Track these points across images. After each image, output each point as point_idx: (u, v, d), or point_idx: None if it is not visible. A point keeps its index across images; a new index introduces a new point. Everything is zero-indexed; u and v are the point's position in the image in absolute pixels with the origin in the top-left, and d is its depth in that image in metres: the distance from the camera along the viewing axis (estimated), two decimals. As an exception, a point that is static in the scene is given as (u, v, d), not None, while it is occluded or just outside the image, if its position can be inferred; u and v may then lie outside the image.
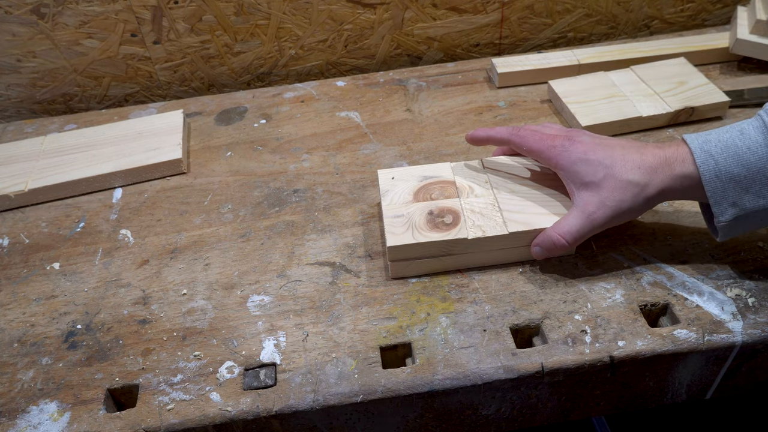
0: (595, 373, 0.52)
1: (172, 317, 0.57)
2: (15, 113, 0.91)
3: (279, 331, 0.55)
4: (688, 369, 0.53)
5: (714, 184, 0.50)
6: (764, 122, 0.49)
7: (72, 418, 0.50)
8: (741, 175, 0.49)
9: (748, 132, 0.50)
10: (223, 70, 0.92)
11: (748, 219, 0.51)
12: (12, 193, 0.71)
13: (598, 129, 0.73)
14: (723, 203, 0.50)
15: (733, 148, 0.49)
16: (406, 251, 0.56)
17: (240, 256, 0.63)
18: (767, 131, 0.49)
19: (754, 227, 0.53)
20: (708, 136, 0.51)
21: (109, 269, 0.63)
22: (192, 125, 0.83)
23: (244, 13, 0.86)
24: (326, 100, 0.85)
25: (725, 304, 0.54)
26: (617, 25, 0.95)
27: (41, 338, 0.57)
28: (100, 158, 0.75)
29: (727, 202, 0.50)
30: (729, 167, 0.49)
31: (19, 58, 0.85)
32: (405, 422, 0.53)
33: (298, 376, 0.51)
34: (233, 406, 0.50)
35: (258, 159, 0.76)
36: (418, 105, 0.83)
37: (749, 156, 0.49)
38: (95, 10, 0.82)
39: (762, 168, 0.48)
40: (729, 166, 0.49)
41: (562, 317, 0.54)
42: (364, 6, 0.88)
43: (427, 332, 0.54)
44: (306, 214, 0.67)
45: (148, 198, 0.72)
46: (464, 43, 0.94)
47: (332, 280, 0.59)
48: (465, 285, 0.58)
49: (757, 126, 0.50)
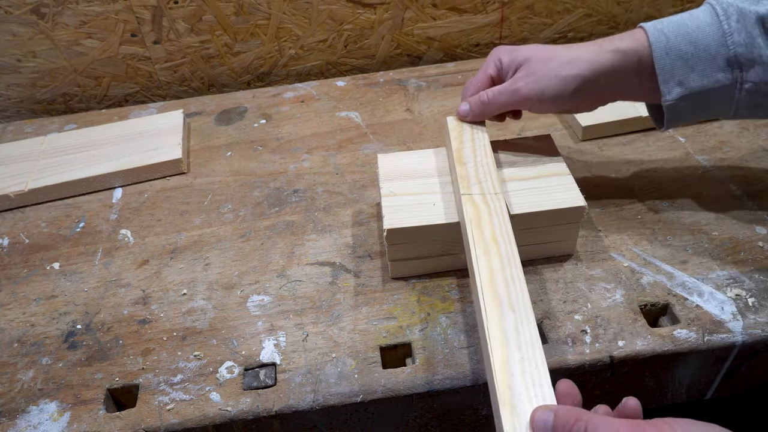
0: (595, 373, 0.52)
1: (172, 317, 0.57)
2: (15, 113, 0.91)
3: (279, 331, 0.55)
4: (688, 369, 0.53)
5: (664, 61, 0.52)
6: (712, 5, 0.53)
7: (72, 418, 0.50)
8: (689, 52, 0.52)
9: (696, 14, 0.53)
10: (223, 70, 0.92)
11: (691, 101, 0.53)
12: (12, 193, 0.71)
13: (598, 129, 0.73)
14: (670, 81, 0.53)
15: (683, 27, 0.52)
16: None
17: (240, 256, 0.63)
18: (714, 13, 0.52)
19: (697, 115, 0.55)
20: (661, 20, 0.54)
21: (109, 269, 0.63)
22: (192, 125, 0.83)
23: (244, 13, 0.86)
24: (326, 100, 0.85)
25: (725, 304, 0.54)
26: (617, 25, 0.95)
27: (41, 338, 0.57)
28: (100, 158, 0.75)
29: (674, 80, 0.52)
30: (678, 44, 0.52)
31: (19, 58, 0.85)
32: (405, 422, 0.53)
33: (298, 376, 0.51)
34: (233, 406, 0.50)
35: (258, 159, 0.76)
36: (418, 105, 0.83)
37: (697, 34, 0.52)
38: (95, 10, 0.82)
39: (707, 45, 0.51)
40: (679, 43, 0.52)
41: (562, 317, 0.54)
42: (364, 6, 0.88)
43: (427, 332, 0.54)
44: (306, 214, 0.67)
45: (148, 198, 0.72)
46: (464, 43, 0.94)
47: (332, 280, 0.59)
48: (465, 285, 0.58)
49: (705, 9, 0.53)
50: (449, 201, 0.57)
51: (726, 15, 0.51)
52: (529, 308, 0.45)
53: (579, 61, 0.54)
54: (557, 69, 0.55)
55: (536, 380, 0.40)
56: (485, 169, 0.57)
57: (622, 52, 0.53)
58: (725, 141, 0.71)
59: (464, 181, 0.55)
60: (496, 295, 0.45)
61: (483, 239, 0.50)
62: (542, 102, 0.56)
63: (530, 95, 0.56)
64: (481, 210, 0.52)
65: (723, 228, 0.61)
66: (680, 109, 0.54)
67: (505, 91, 0.57)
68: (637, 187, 0.66)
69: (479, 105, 0.59)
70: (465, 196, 0.54)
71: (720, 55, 0.51)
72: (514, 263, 0.48)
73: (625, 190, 0.66)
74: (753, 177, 0.66)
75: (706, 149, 0.70)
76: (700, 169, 0.68)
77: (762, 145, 0.70)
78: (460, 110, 0.61)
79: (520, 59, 0.57)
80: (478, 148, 0.59)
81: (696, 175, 0.67)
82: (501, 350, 0.42)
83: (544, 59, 0.56)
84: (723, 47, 0.51)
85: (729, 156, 0.69)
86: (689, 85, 0.52)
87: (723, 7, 0.52)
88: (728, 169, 0.67)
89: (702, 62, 0.52)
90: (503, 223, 0.51)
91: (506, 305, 0.45)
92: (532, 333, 0.43)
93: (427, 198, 0.57)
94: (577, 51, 0.55)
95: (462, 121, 0.61)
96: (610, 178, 0.68)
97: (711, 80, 0.52)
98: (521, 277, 0.47)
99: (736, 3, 0.51)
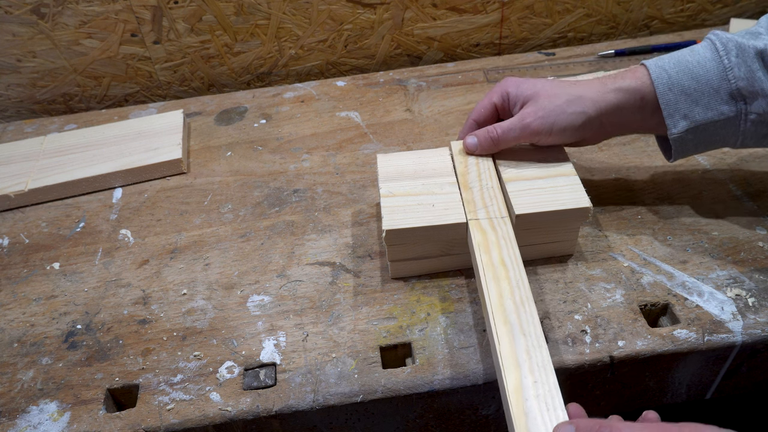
0: (595, 373, 0.52)
1: (172, 317, 0.57)
2: (15, 113, 0.91)
3: (279, 331, 0.55)
4: (688, 369, 0.53)
5: (667, 96, 0.54)
6: (712, 41, 0.54)
7: (72, 418, 0.50)
8: (691, 87, 0.53)
9: (697, 50, 0.55)
10: (223, 70, 0.92)
11: (698, 133, 0.55)
12: (12, 193, 0.71)
13: (598, 129, 0.73)
14: (675, 115, 0.54)
15: (684, 63, 0.54)
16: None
17: (240, 256, 0.63)
18: (714, 49, 0.53)
19: (704, 147, 0.56)
20: (662, 57, 0.56)
21: (109, 269, 0.63)
22: (192, 125, 0.83)
23: (244, 13, 0.86)
24: (326, 100, 0.85)
25: (725, 304, 0.54)
26: (617, 25, 0.95)
27: (41, 338, 0.57)
28: (100, 158, 0.75)
29: (679, 114, 0.54)
30: (681, 80, 0.53)
31: (19, 58, 0.85)
32: (405, 422, 0.53)
33: (298, 376, 0.51)
34: (233, 406, 0.50)
35: (258, 159, 0.76)
36: (418, 105, 0.83)
37: (698, 69, 0.53)
38: (95, 10, 0.82)
39: (710, 80, 0.53)
40: (681, 79, 0.53)
41: (562, 317, 0.54)
42: (364, 6, 0.88)
43: (427, 332, 0.54)
44: (306, 214, 0.67)
45: (148, 198, 0.72)
46: (464, 43, 0.94)
47: (332, 280, 0.59)
48: (465, 285, 0.58)
49: (706, 45, 0.55)
50: (448, 201, 0.57)
51: (726, 50, 0.53)
52: (540, 331, 0.46)
53: (584, 100, 0.56)
54: (564, 106, 0.56)
55: (550, 404, 0.41)
56: (491, 192, 0.57)
57: (624, 90, 0.55)
58: (725, 141, 0.71)
59: (470, 205, 0.56)
60: (506, 321, 0.47)
61: (492, 263, 0.51)
62: (551, 135, 0.57)
63: (540, 130, 0.57)
64: (488, 234, 0.53)
65: (723, 228, 0.61)
66: (687, 141, 0.55)
67: (515, 127, 0.58)
68: (637, 187, 0.66)
69: (489, 141, 0.60)
70: (472, 222, 0.55)
71: (723, 89, 0.53)
72: (523, 286, 0.49)
73: (625, 190, 0.66)
74: (753, 177, 0.66)
75: (706, 149, 0.70)
76: (700, 169, 0.68)
77: (762, 145, 0.70)
78: (468, 144, 0.61)
79: (528, 93, 0.58)
80: (483, 171, 0.60)
81: (696, 175, 0.67)
82: (514, 375, 0.43)
83: (551, 96, 0.57)
84: (725, 81, 0.53)
85: (729, 156, 0.69)
86: (694, 118, 0.54)
87: (722, 42, 0.53)
88: (728, 169, 0.68)
89: (705, 96, 0.53)
90: (511, 246, 0.52)
91: (517, 330, 0.46)
92: (543, 356, 0.44)
93: (426, 198, 0.57)
94: (582, 89, 0.56)
95: (469, 154, 0.61)
96: (610, 178, 0.68)
97: (716, 113, 0.53)
98: (531, 299, 0.48)
99: (735, 38, 0.53)
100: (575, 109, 0.56)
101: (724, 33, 0.54)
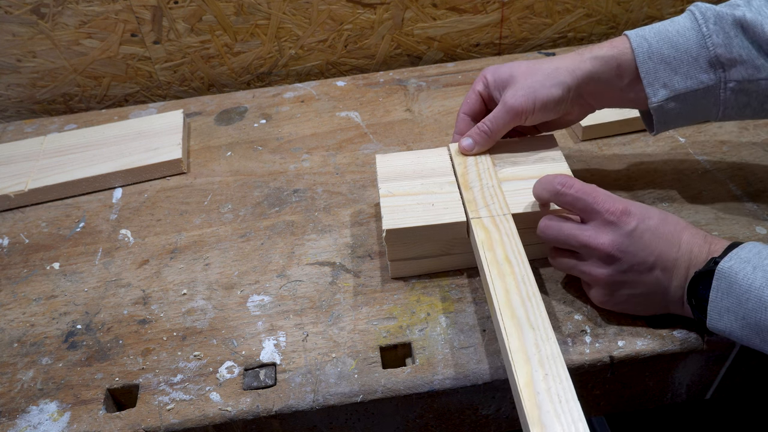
0: (595, 373, 0.52)
1: (172, 317, 0.57)
2: (15, 113, 0.91)
3: (279, 331, 0.55)
4: (688, 369, 0.53)
5: (647, 65, 0.55)
6: (691, 11, 0.55)
7: (72, 418, 0.50)
8: (671, 55, 0.54)
9: (677, 20, 0.56)
10: (223, 70, 0.92)
11: (678, 102, 0.55)
12: (12, 193, 0.71)
13: (598, 129, 0.73)
14: (655, 84, 0.55)
15: (664, 32, 0.55)
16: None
17: (240, 256, 0.63)
18: (693, 18, 0.55)
19: (686, 118, 0.57)
20: (644, 27, 0.56)
21: (109, 269, 0.63)
22: (192, 125, 0.83)
23: (244, 13, 0.86)
24: (326, 100, 0.85)
25: (725, 304, 0.54)
26: (617, 25, 0.95)
27: (41, 338, 0.57)
28: (100, 158, 0.75)
29: (658, 83, 0.55)
30: (660, 48, 0.54)
31: (19, 58, 0.85)
32: (405, 422, 0.53)
33: (298, 376, 0.51)
34: (233, 406, 0.50)
35: (258, 159, 0.76)
36: (418, 105, 0.83)
37: (678, 38, 0.54)
38: (95, 10, 0.82)
39: (689, 48, 0.54)
40: (661, 47, 0.54)
41: (562, 317, 0.54)
42: (364, 6, 0.88)
43: (427, 332, 0.54)
44: (306, 214, 0.67)
45: (148, 198, 0.72)
46: (464, 43, 0.94)
47: (332, 280, 0.59)
48: (465, 285, 0.58)
49: (686, 15, 0.56)
50: (448, 201, 0.57)
51: (704, 18, 0.54)
52: (548, 324, 0.45)
53: (560, 71, 0.57)
54: (542, 80, 0.57)
55: (562, 396, 0.41)
56: (491, 191, 0.57)
57: (600, 58, 0.56)
58: (725, 141, 0.71)
59: (471, 205, 0.56)
60: (514, 315, 0.46)
61: (496, 260, 0.51)
62: (535, 112, 0.57)
63: (524, 108, 0.57)
64: (491, 232, 0.53)
65: (723, 228, 0.60)
66: (668, 111, 0.56)
67: (500, 113, 0.58)
68: (637, 187, 0.66)
69: (482, 136, 0.60)
70: (474, 220, 0.54)
71: (701, 56, 0.54)
72: (528, 282, 0.49)
73: (625, 190, 0.66)
74: (753, 177, 0.66)
75: (706, 149, 0.70)
76: (700, 169, 0.68)
77: (762, 145, 0.70)
78: (464, 146, 0.61)
79: (505, 76, 0.59)
80: (483, 170, 0.60)
81: (696, 175, 0.67)
82: (524, 369, 0.43)
83: (528, 74, 0.58)
84: (704, 49, 0.54)
85: (729, 156, 0.69)
86: (674, 86, 0.55)
87: (701, 11, 0.54)
88: (728, 169, 0.67)
89: (685, 64, 0.54)
90: (514, 242, 0.52)
91: (525, 324, 0.45)
92: (553, 349, 0.44)
93: (425, 198, 0.57)
94: (558, 61, 0.57)
95: (467, 155, 0.61)
96: (610, 179, 0.68)
97: (695, 81, 0.54)
98: (537, 293, 0.48)
99: (714, 8, 0.54)
100: (553, 81, 0.56)
101: (704, 4, 0.55)
